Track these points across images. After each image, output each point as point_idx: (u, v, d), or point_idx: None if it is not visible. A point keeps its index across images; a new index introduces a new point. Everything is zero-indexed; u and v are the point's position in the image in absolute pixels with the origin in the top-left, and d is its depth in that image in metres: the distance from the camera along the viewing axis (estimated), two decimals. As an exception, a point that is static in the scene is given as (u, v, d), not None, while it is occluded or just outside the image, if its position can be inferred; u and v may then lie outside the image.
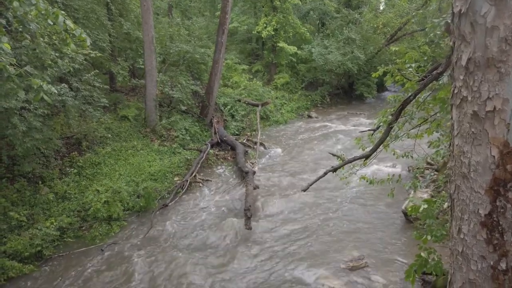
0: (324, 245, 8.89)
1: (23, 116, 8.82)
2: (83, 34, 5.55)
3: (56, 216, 9.13)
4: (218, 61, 15.96)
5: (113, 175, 11.08)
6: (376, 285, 7.44)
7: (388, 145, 6.55)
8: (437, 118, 6.29)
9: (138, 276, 7.84)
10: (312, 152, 15.39)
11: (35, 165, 9.52)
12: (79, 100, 10.67)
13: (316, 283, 7.56)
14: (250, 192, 10.93)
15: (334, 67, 22.91)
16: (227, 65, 22.16)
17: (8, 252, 7.93)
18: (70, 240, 9.06)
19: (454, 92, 1.66)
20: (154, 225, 9.78)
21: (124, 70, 14.74)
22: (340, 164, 6.41)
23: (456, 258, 1.82)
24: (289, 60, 24.32)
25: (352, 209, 10.60)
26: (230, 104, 18.35)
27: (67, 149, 11.25)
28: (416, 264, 4.23)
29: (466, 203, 1.68)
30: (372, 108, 23.52)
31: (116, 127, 13.31)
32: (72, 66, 9.92)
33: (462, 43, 1.57)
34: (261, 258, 8.45)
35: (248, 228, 9.58)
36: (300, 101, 23.08)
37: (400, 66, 6.43)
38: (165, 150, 13.37)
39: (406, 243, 8.88)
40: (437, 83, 5.58)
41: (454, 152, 1.71)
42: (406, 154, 6.58)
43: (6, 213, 8.62)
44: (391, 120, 5.83)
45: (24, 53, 7.95)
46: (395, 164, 13.36)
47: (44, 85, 5.78)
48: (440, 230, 4.81)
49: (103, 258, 8.52)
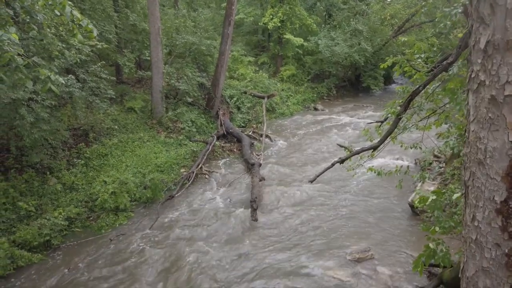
0: (330, 236, 8.90)
1: (31, 107, 8.86)
2: (89, 25, 5.54)
3: (64, 206, 9.21)
4: (224, 52, 15.89)
5: (120, 167, 11.13)
6: (381, 277, 7.44)
7: (395, 137, 6.50)
8: (446, 109, 6.22)
9: (144, 266, 7.90)
10: (318, 144, 15.34)
11: (43, 156, 9.58)
12: (86, 92, 10.69)
13: (322, 274, 7.57)
14: (256, 184, 10.94)
15: (340, 59, 22.73)
16: (233, 57, 22.07)
17: (17, 241, 8.03)
18: (78, 230, 9.15)
19: (471, 77, 1.63)
20: (161, 216, 9.84)
21: (131, 61, 14.73)
22: (347, 156, 6.39)
23: (469, 246, 1.80)
24: (295, 52, 24.15)
25: (358, 201, 10.58)
26: (236, 96, 18.31)
27: (74, 140, 11.31)
28: (424, 255, 4.22)
29: (481, 190, 1.65)
30: (379, 101, 23.36)
31: (122, 118, 13.35)
32: (78, 57, 9.93)
33: (481, 26, 1.53)
34: (266, 249, 8.47)
35: (254, 219, 9.61)
36: (306, 93, 22.96)
37: (409, 57, 6.36)
38: (172, 142, 13.40)
39: (412, 235, 8.85)
40: (446, 73, 5.51)
41: (470, 138, 1.68)
42: (415, 145, 6.53)
43: (15, 203, 8.71)
44: (399, 111, 5.78)
45: (31, 44, 7.96)
46: (401, 156, 13.30)
47: (52, 75, 5.79)
48: (448, 222, 4.78)
49: (110, 248, 8.59)
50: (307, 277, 7.48)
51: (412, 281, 7.23)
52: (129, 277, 7.58)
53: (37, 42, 8.18)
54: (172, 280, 7.51)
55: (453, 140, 5.88)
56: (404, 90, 6.24)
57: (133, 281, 7.43)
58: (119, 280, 7.49)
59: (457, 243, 6.82)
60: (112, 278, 7.56)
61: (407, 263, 7.74)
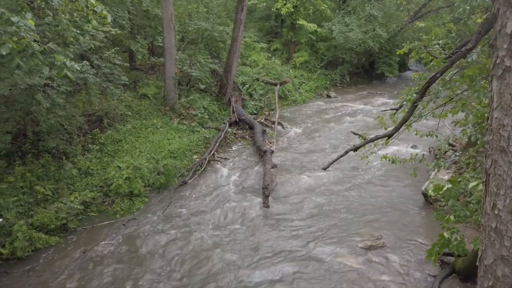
0: (342, 224, 8.91)
1: (47, 93, 8.98)
2: (104, 11, 5.55)
3: (79, 191, 9.40)
4: (237, 39, 15.77)
5: (134, 152, 11.27)
6: (393, 265, 7.46)
7: (410, 125, 6.43)
8: (463, 96, 6.11)
9: (157, 250, 8.05)
10: (330, 132, 15.26)
11: (58, 141, 9.73)
12: (100, 78, 10.78)
13: (333, 261, 7.62)
14: (268, 171, 10.97)
15: (354, 45, 22.36)
16: (246, 43, 21.90)
17: (35, 224, 8.24)
18: (93, 214, 9.34)
19: (496, 62, 1.59)
20: (174, 202, 9.97)
21: (144, 48, 14.74)
22: (361, 143, 6.35)
23: (488, 234, 1.78)
24: (308, 38, 23.81)
25: (371, 189, 10.54)
26: (248, 83, 18.22)
27: (89, 126, 11.45)
28: (438, 244, 4.20)
29: (503, 178, 1.63)
30: (393, 88, 23.02)
31: (136, 105, 13.45)
32: (93, 43, 9.98)
33: (508, 10, 1.48)
34: (278, 236, 8.54)
35: (266, 206, 9.66)
36: (319, 80, 22.72)
37: (426, 43, 6.23)
38: (184, 129, 13.48)
39: (425, 224, 8.81)
40: (465, 60, 5.39)
41: (493, 125, 1.65)
42: (430, 133, 6.44)
43: (32, 187, 8.92)
44: (415, 99, 5.69)
45: (47, 30, 8.01)
46: (414, 145, 13.16)
47: (67, 61, 5.84)
48: (463, 211, 4.74)
49: (124, 232, 8.76)
50: (318, 263, 7.53)
51: (423, 270, 7.23)
52: (142, 261, 7.75)
53: (52, 28, 8.22)
54: (183, 264, 7.64)
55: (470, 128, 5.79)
56: (421, 77, 6.13)
57: (145, 265, 7.59)
58: (133, 264, 7.66)
59: (471, 232, 6.77)
60: (126, 262, 7.73)
61: (419, 251, 7.73)
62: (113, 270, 7.49)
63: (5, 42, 5.02)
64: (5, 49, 4.99)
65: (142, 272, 7.38)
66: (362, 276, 7.13)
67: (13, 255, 7.65)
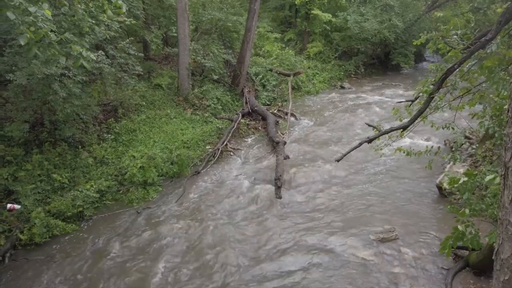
0: (354, 216, 8.89)
1: (63, 82, 9.11)
2: (119, 1, 5.58)
3: (95, 179, 9.57)
4: (251, 29, 15.68)
5: (148, 142, 11.39)
6: (405, 257, 7.43)
7: (426, 117, 6.32)
8: (481, 88, 5.98)
9: (170, 239, 8.17)
10: (344, 123, 15.14)
11: (75, 130, 9.90)
12: (115, 68, 10.87)
13: (344, 252, 7.63)
14: (281, 162, 10.98)
15: (370, 35, 22.00)
16: (259, 34, 21.74)
17: (52, 211, 8.45)
18: (108, 203, 9.52)
19: (517, 53, 1.55)
20: (187, 191, 10.07)
21: (158, 38, 14.78)
22: (376, 135, 6.29)
23: (505, 228, 1.76)
24: (323, 28, 23.51)
25: (384, 181, 10.47)
26: (261, 74, 18.14)
27: (104, 115, 11.60)
28: (452, 237, 4.16)
29: (522, 171, 1.60)
30: (409, 79, 22.65)
31: (150, 95, 13.55)
32: (108, 33, 10.04)
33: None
34: (289, 226, 8.57)
35: (278, 197, 9.69)
36: (333, 71, 22.47)
37: (444, 34, 6.10)
38: (197, 119, 13.54)
39: (439, 217, 8.73)
40: (484, 51, 5.27)
41: (512, 117, 1.62)
42: (446, 125, 6.33)
43: (49, 175, 9.12)
44: (432, 90, 5.60)
45: (63, 20, 8.09)
46: (429, 137, 12.97)
47: (83, 51, 5.91)
48: (479, 204, 4.67)
49: (139, 220, 8.91)
50: (330, 255, 7.55)
51: (436, 263, 7.19)
52: (156, 249, 7.88)
53: (69, 18, 8.30)
54: (196, 253, 7.75)
55: (488, 121, 5.67)
56: (438, 68, 6.01)
57: (159, 253, 7.72)
58: (148, 251, 7.80)
59: (486, 226, 6.69)
60: (140, 249, 7.88)
61: (432, 244, 7.67)
62: (128, 257, 7.64)
63: (23, 32, 5.10)
64: (23, 39, 5.07)
65: (157, 260, 7.52)
66: (374, 268, 7.13)
67: (32, 241, 7.87)
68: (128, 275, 7.14)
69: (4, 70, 8.83)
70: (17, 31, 5.14)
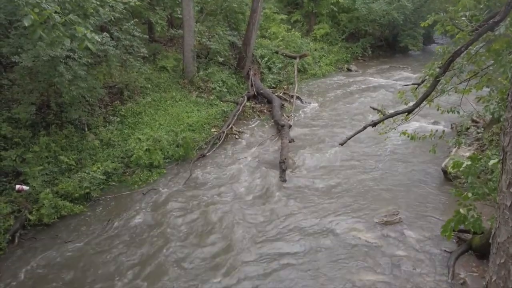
0: (358, 199, 8.94)
1: (68, 64, 9.12)
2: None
3: (101, 161, 9.66)
4: (256, 10, 15.45)
5: (153, 125, 11.44)
6: (409, 240, 7.49)
7: (432, 100, 6.28)
8: (488, 71, 5.90)
9: (176, 221, 8.28)
10: (350, 107, 15.05)
11: (81, 112, 9.95)
12: (120, 50, 10.83)
13: (348, 235, 7.70)
14: (286, 145, 10.99)
15: (378, 17, 21.63)
16: (265, 15, 21.45)
17: (60, 192, 8.57)
18: (114, 184, 9.63)
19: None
20: (192, 174, 10.16)
21: (162, 19, 14.65)
22: (380, 119, 6.27)
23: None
24: (330, 10, 23.12)
25: (389, 165, 10.47)
26: (267, 56, 17.97)
27: (110, 98, 11.63)
28: (454, 220, 4.18)
29: (521, 155, 1.61)
30: (417, 62, 22.32)
31: (155, 77, 13.52)
32: (112, 14, 9.99)
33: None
34: (294, 209, 8.64)
35: (283, 180, 9.75)
36: (339, 53, 22.20)
37: (452, 15, 5.99)
38: (203, 102, 13.53)
39: (443, 201, 8.75)
40: (492, 33, 5.18)
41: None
42: (452, 109, 6.28)
43: (56, 157, 9.23)
44: (438, 73, 5.54)
45: (67, 2, 8.04)
46: (436, 121, 12.88)
47: (88, 33, 5.90)
48: (482, 188, 4.68)
49: (146, 201, 9.03)
50: (334, 237, 7.63)
51: (440, 246, 7.24)
52: (162, 231, 8.00)
53: (72, 0, 8.26)
54: (202, 234, 7.87)
55: (494, 104, 5.62)
56: (445, 51, 5.93)
57: (165, 235, 7.85)
58: (155, 232, 7.93)
59: (489, 210, 6.70)
60: (148, 230, 8.01)
61: (436, 228, 7.71)
62: (135, 238, 7.79)
63: (27, 13, 5.10)
64: (28, 20, 5.08)
65: (163, 240, 7.65)
66: (378, 251, 7.20)
67: (40, 222, 8.03)
68: (135, 254, 7.29)
69: (10, 52, 8.84)
70: (21, 12, 5.15)
